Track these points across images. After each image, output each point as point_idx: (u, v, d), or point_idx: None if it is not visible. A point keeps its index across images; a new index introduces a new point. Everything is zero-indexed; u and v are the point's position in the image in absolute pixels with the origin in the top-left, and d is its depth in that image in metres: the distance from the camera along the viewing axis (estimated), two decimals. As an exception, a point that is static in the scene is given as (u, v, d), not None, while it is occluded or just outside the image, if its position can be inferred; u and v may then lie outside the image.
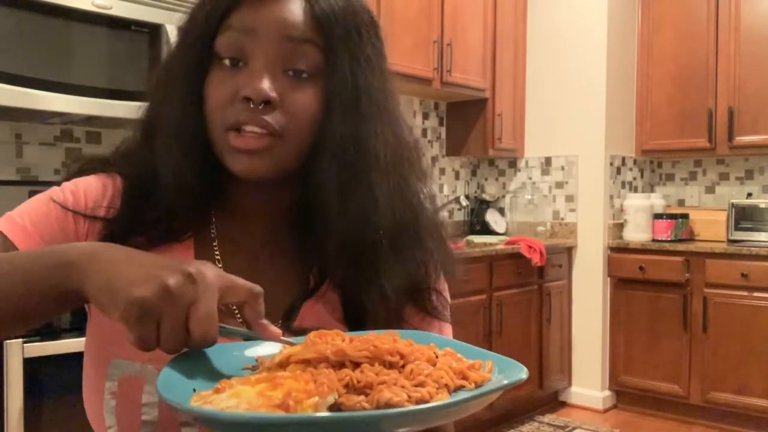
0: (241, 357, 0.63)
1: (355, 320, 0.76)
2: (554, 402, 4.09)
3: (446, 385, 0.54)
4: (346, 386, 0.53)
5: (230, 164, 0.71)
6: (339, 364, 0.56)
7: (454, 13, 3.66)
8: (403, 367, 0.56)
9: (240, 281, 0.59)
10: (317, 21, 0.70)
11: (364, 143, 0.73)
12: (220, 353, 0.62)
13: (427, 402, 0.51)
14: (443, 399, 0.52)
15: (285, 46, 0.70)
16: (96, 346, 0.75)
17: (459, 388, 0.55)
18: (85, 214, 0.75)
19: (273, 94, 0.69)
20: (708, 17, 3.93)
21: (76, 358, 0.83)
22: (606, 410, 4.01)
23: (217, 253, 0.78)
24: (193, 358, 0.60)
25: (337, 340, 0.59)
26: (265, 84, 0.68)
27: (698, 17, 3.97)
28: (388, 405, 0.50)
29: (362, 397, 0.52)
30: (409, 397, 0.51)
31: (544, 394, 3.95)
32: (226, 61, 0.70)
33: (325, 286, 0.78)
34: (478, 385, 0.56)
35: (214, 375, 0.59)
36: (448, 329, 0.82)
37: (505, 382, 0.54)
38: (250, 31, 0.69)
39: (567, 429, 3.67)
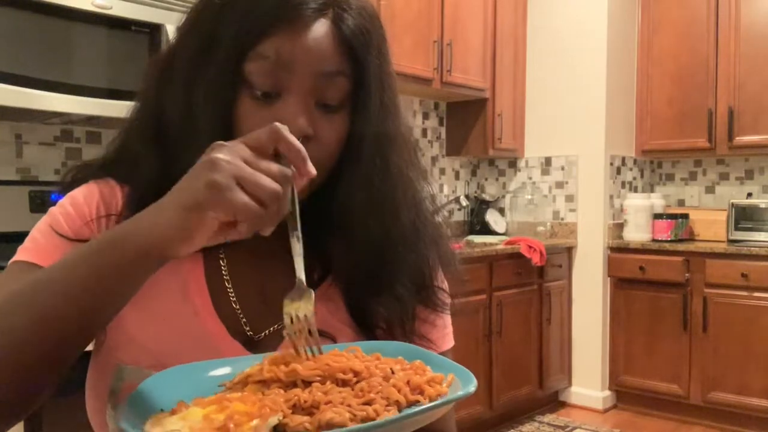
0: (220, 373, 0.64)
1: (363, 320, 0.77)
2: (554, 402, 4.09)
3: (397, 401, 0.54)
4: (294, 406, 0.53)
5: None
6: (293, 383, 0.56)
7: (454, 13, 3.66)
8: (358, 383, 0.56)
9: (254, 134, 0.58)
10: (347, 47, 0.70)
11: (390, 161, 0.75)
12: (200, 371, 0.63)
13: (373, 420, 0.52)
14: (390, 416, 0.52)
15: (319, 80, 0.70)
16: (101, 351, 0.75)
17: (413, 404, 0.55)
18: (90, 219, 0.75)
19: (310, 131, 0.69)
20: (708, 17, 3.93)
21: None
22: (606, 410, 4.01)
23: (222, 255, 0.78)
24: (172, 379, 0.60)
25: (297, 359, 0.59)
26: (303, 121, 0.69)
27: (698, 17, 3.97)
28: (330, 425, 0.51)
29: (306, 418, 0.52)
30: (354, 415, 0.51)
31: (544, 394, 3.95)
32: (258, 92, 0.69)
33: (327, 284, 0.78)
34: (432, 401, 0.56)
35: (191, 394, 0.59)
36: (449, 319, 0.86)
37: (449, 397, 0.54)
38: (286, 65, 0.68)
39: (567, 429, 3.67)
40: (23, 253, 0.73)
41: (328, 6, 0.70)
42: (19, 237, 0.76)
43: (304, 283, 0.62)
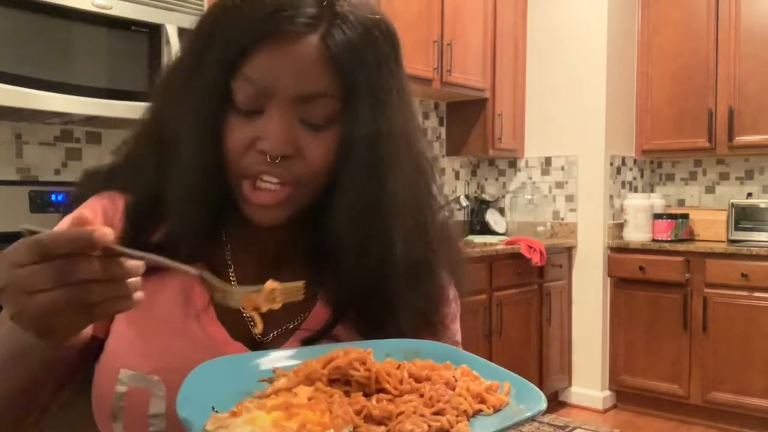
0: (257, 367, 0.64)
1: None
2: (554, 402, 4.09)
3: (465, 411, 0.54)
4: (365, 417, 0.52)
5: (247, 214, 0.71)
6: (346, 383, 0.57)
7: (454, 13, 3.66)
8: (421, 395, 0.56)
9: (60, 234, 0.53)
10: (335, 66, 0.68)
11: (383, 187, 0.71)
12: (237, 363, 0.63)
13: (447, 431, 0.52)
14: (463, 427, 0.52)
15: (301, 101, 0.68)
16: (105, 355, 0.75)
17: (477, 413, 0.55)
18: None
19: (290, 150, 0.68)
20: (708, 17, 3.93)
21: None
22: (606, 410, 4.01)
23: (229, 260, 0.78)
24: (211, 370, 0.60)
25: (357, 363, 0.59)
26: (282, 139, 0.67)
27: (698, 17, 3.97)
28: None
29: (382, 428, 0.51)
30: (429, 426, 0.51)
31: (544, 394, 3.94)
32: (243, 109, 0.69)
33: (341, 325, 0.77)
34: (496, 409, 0.56)
35: (232, 388, 0.59)
36: (457, 327, 0.84)
37: (528, 414, 0.54)
38: (266, 87, 0.67)
39: (567, 429, 3.66)
40: None
41: (321, 20, 0.68)
42: (19, 237, 0.75)
43: (230, 285, 0.63)
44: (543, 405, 0.55)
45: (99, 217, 0.76)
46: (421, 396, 0.55)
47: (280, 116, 0.68)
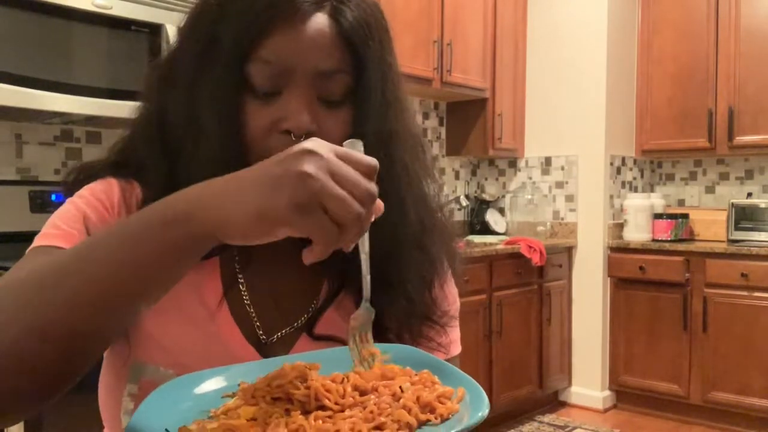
0: (221, 384, 0.63)
1: (374, 328, 0.76)
2: (554, 402, 4.09)
3: (408, 423, 0.54)
4: None
5: None
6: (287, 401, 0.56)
7: (454, 13, 3.66)
8: (365, 408, 0.56)
9: (356, 155, 0.54)
10: (346, 42, 0.69)
11: (394, 156, 0.73)
12: (197, 382, 0.63)
13: None
14: None
15: (319, 78, 0.69)
16: (117, 347, 0.74)
17: (424, 423, 0.55)
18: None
19: (313, 126, 0.69)
20: (708, 17, 3.93)
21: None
22: (606, 410, 4.01)
23: (236, 257, 0.77)
24: (175, 392, 0.60)
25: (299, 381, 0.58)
26: (305, 116, 0.68)
27: (698, 17, 3.97)
28: None
29: None
30: None
31: (544, 394, 3.95)
32: (261, 92, 0.69)
33: (342, 294, 0.78)
34: (444, 419, 0.55)
35: (194, 407, 0.59)
36: (456, 332, 0.84)
37: (469, 422, 0.53)
38: (286, 67, 0.68)
39: (567, 429, 3.67)
40: (45, 238, 0.69)
41: None
42: (19, 237, 0.75)
43: (369, 304, 0.63)
44: (484, 411, 0.53)
45: (116, 192, 0.74)
46: (365, 409, 0.55)
47: (300, 94, 0.68)
